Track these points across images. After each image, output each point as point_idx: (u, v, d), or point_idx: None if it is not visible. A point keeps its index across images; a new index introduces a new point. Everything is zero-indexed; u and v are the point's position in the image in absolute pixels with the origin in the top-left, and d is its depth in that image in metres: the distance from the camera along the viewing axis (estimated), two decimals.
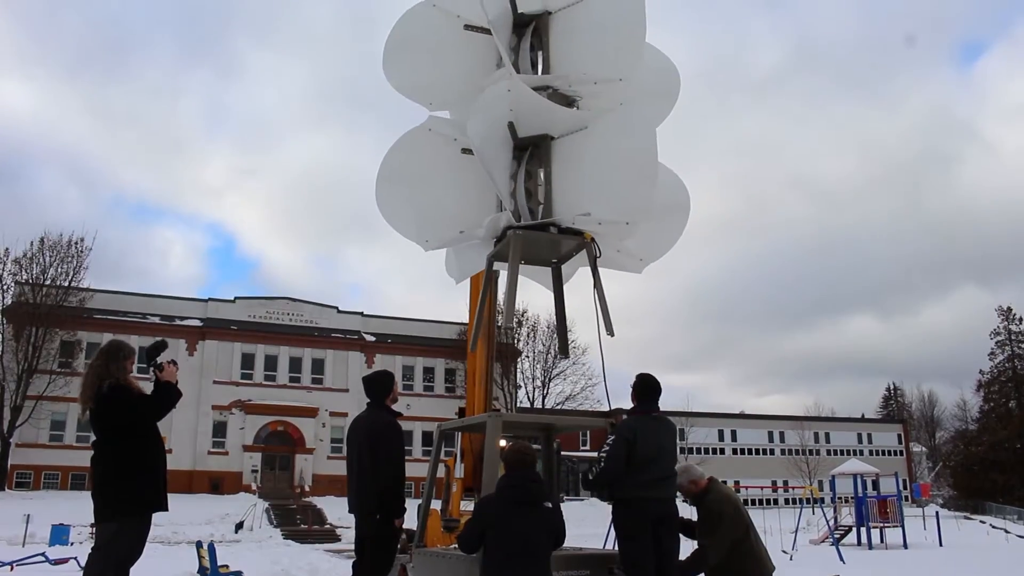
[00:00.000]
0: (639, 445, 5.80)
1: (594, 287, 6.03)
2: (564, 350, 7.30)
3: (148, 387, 5.56)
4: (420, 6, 6.46)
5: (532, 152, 6.08)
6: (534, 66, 6.25)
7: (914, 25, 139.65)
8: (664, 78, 6.59)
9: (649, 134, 5.79)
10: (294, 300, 57.72)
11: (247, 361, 54.15)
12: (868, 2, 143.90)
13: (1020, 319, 73.29)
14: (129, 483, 5.29)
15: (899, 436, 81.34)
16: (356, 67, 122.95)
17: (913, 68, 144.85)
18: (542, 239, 5.99)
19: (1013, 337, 73.49)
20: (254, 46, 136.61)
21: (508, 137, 5.99)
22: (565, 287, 6.59)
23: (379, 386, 6.77)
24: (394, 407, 6.87)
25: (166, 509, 5.47)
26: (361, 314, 59.22)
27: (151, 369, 5.53)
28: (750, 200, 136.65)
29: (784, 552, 22.62)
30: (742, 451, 73.05)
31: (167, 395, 5.46)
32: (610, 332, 5.98)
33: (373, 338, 57.67)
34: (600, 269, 6.15)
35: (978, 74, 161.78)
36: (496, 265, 6.28)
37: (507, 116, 5.88)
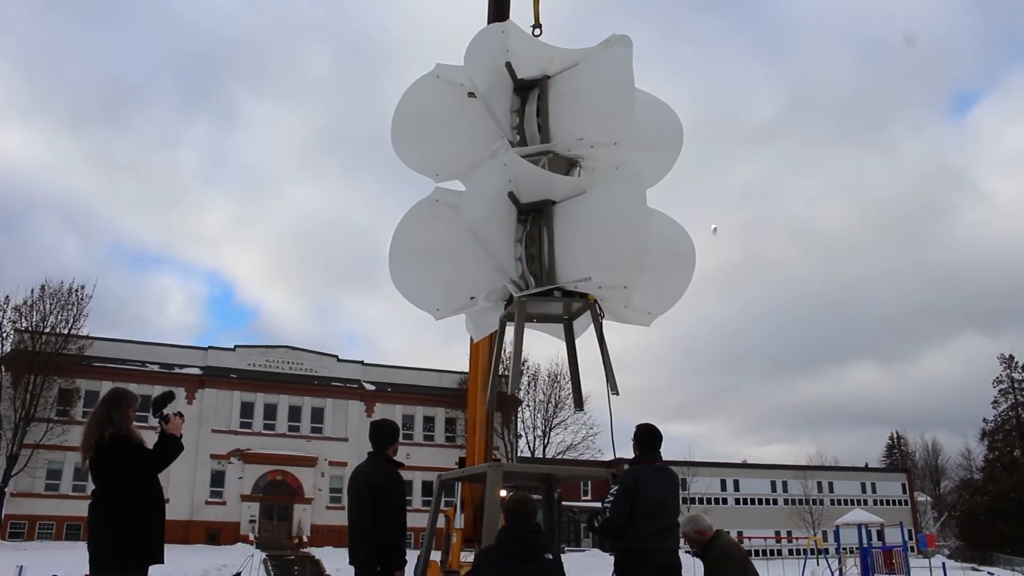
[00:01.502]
0: (641, 496, 5.77)
1: (599, 347, 6.04)
2: (579, 403, 7.31)
3: (151, 436, 5.53)
4: (424, 79, 6.56)
5: (535, 216, 6.17)
6: (540, 130, 6.34)
7: (906, 75, 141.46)
8: (667, 129, 6.68)
9: (638, 199, 5.87)
10: (294, 349, 57.56)
11: (246, 410, 53.77)
12: (861, 53, 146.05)
13: (1023, 367, 73.10)
14: (126, 535, 5.23)
15: (903, 485, 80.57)
16: (353, 116, 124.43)
17: (907, 119, 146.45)
18: (548, 303, 6.10)
19: (1016, 385, 73.29)
20: (252, 97, 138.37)
21: (510, 207, 6.09)
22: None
23: (384, 434, 6.70)
24: (394, 458, 6.81)
25: (162, 562, 5.41)
26: (361, 363, 59.03)
27: (157, 420, 5.51)
28: (749, 250, 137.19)
29: None
30: (744, 501, 72.32)
31: (170, 448, 5.44)
32: (615, 391, 6.01)
33: (373, 387, 57.39)
34: (611, 323, 6.19)
35: (971, 124, 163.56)
36: (509, 325, 6.33)
37: (506, 187, 5.98)
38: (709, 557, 6.17)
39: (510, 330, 6.12)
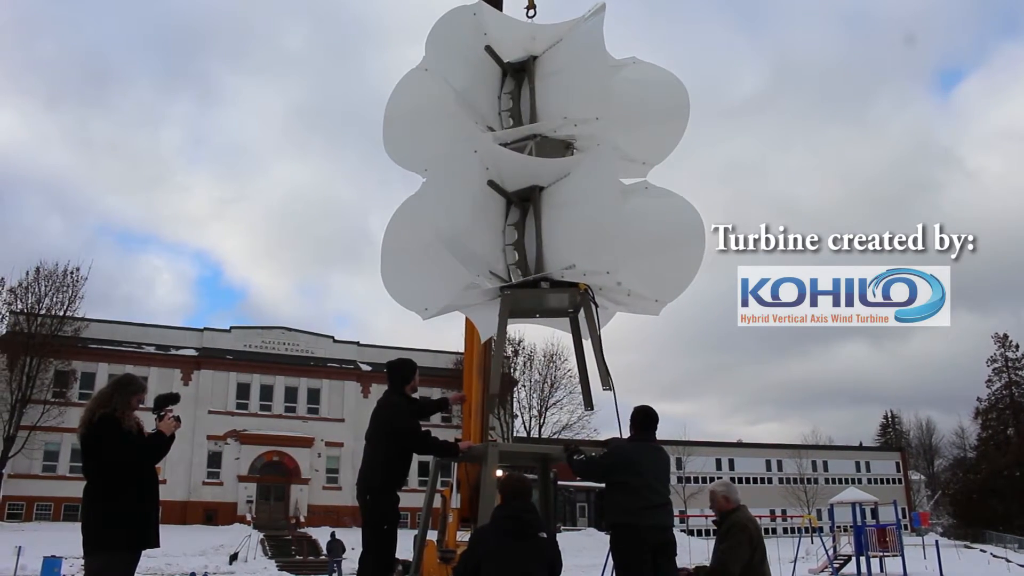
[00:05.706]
0: (634, 468, 5.84)
1: (592, 339, 5.89)
2: (588, 403, 7.08)
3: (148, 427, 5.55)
4: (412, 73, 6.43)
5: (523, 204, 6.01)
6: (531, 113, 6.21)
7: (891, 50, 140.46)
8: (671, 96, 6.50)
9: (610, 179, 5.66)
10: (290, 330, 57.56)
11: (242, 391, 53.86)
12: (847, 27, 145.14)
13: (1017, 346, 73.42)
14: (117, 517, 5.21)
15: (897, 464, 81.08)
16: (335, 91, 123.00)
17: (893, 94, 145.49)
18: (537, 295, 5.91)
19: (1010, 364, 73.48)
20: (234, 74, 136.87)
21: (492, 199, 5.91)
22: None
23: (399, 372, 6.70)
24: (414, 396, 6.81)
25: (156, 545, 5.40)
26: (357, 343, 59.06)
27: (155, 415, 5.54)
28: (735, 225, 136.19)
29: None
30: (740, 480, 72.56)
31: (156, 444, 5.44)
32: (607, 386, 5.96)
33: (369, 368, 57.38)
34: (619, 313, 6.10)
35: (957, 101, 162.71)
36: (510, 320, 6.23)
37: (484, 176, 5.82)
38: (723, 527, 6.33)
39: (512, 324, 6.04)
